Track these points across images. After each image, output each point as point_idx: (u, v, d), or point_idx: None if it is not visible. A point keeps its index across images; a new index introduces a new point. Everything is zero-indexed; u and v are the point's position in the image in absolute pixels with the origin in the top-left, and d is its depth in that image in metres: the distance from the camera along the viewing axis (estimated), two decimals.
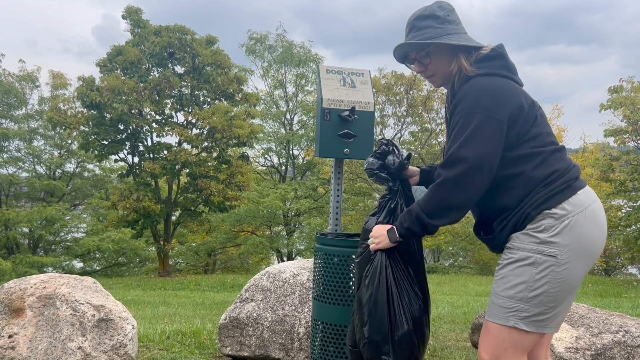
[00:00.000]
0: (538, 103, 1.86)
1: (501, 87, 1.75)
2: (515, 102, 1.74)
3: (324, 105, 3.04)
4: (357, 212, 22.41)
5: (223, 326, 3.64)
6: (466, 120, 1.72)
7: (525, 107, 1.76)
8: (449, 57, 1.87)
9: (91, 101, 15.94)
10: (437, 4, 1.93)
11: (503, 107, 1.72)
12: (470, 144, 1.69)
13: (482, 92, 1.73)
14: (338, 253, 2.38)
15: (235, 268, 25.53)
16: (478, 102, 1.71)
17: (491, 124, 1.70)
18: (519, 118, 1.74)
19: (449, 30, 1.86)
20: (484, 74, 1.79)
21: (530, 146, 1.76)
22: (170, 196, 18.52)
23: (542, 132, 1.80)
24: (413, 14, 1.95)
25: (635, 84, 16.02)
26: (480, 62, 1.83)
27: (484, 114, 1.70)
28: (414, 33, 1.90)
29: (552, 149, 1.79)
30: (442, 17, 1.88)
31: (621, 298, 10.11)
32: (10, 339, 3.28)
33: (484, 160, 1.69)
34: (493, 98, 1.72)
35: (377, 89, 18.35)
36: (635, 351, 3.05)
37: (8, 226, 20.39)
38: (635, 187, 16.13)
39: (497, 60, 1.84)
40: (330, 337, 2.38)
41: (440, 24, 1.87)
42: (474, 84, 1.76)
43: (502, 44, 1.91)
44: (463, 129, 1.72)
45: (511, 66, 1.86)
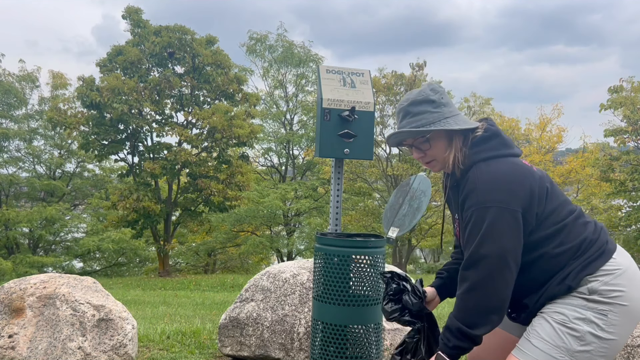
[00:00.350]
0: (544, 173, 1.81)
1: (508, 173, 1.70)
2: (525, 185, 1.69)
3: (324, 105, 3.04)
4: (357, 212, 22.41)
5: (223, 326, 3.64)
6: (480, 215, 1.67)
7: (536, 187, 1.71)
8: (447, 142, 1.83)
9: (91, 101, 15.94)
10: (429, 87, 1.88)
11: (515, 196, 1.67)
12: (489, 241, 1.64)
13: (490, 183, 1.68)
14: (338, 253, 2.38)
15: (235, 268, 25.52)
16: (489, 195, 1.66)
17: (506, 215, 1.64)
18: (532, 201, 1.69)
19: (445, 114, 1.82)
20: (486, 159, 1.75)
21: (551, 223, 1.71)
22: (170, 196, 18.52)
23: (558, 204, 1.74)
24: (405, 98, 1.89)
25: (635, 84, 16.03)
26: (478, 145, 1.79)
27: (497, 206, 1.65)
28: (409, 119, 1.85)
29: (573, 218, 1.74)
30: (437, 100, 1.83)
31: None
32: (10, 339, 3.28)
33: (508, 255, 1.64)
34: (503, 187, 1.67)
35: (377, 89, 18.35)
36: (635, 351, 3.05)
37: (8, 226, 20.39)
38: (635, 187, 16.14)
39: (494, 140, 1.79)
40: (330, 337, 2.38)
41: (436, 108, 1.82)
42: (479, 174, 1.71)
43: (492, 119, 1.87)
44: (479, 225, 1.66)
45: (508, 141, 1.82)
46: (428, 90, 1.85)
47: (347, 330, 2.37)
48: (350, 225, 21.47)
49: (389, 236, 3.12)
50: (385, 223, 3.28)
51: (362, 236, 2.54)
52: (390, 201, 3.31)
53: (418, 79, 18.51)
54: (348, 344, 2.39)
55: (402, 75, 18.73)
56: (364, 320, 2.38)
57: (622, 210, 19.94)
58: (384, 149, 20.12)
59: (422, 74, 18.50)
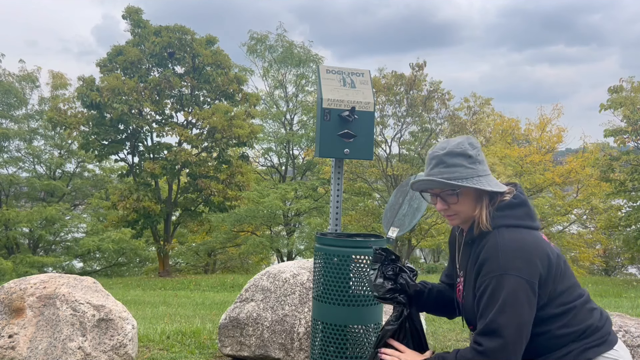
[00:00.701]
0: (560, 251, 1.80)
1: (530, 245, 1.69)
2: (544, 259, 1.68)
3: (324, 105, 3.04)
4: (357, 212, 22.40)
5: (223, 326, 3.64)
6: (499, 282, 1.65)
7: (554, 262, 1.71)
8: (475, 200, 1.79)
9: (91, 101, 15.94)
10: (468, 140, 1.83)
11: (535, 268, 1.66)
12: (507, 312, 1.63)
13: (512, 252, 1.66)
14: (338, 253, 2.38)
15: (235, 268, 25.52)
16: (509, 263, 1.65)
17: (525, 287, 1.64)
18: (549, 276, 1.69)
19: (479, 172, 1.78)
20: (509, 226, 1.73)
21: (560, 303, 1.71)
22: (170, 196, 18.51)
23: (569, 285, 1.74)
24: (441, 146, 1.83)
25: (635, 84, 16.04)
26: (503, 210, 1.76)
27: (516, 276, 1.64)
28: (441, 168, 1.79)
29: (582, 302, 1.74)
30: (474, 156, 1.79)
31: (621, 298, 10.11)
32: (10, 339, 3.28)
33: (523, 330, 1.64)
34: (524, 258, 1.65)
35: (377, 89, 18.35)
36: (635, 351, 3.05)
37: (8, 226, 20.39)
38: (635, 187, 16.13)
39: (521, 209, 1.77)
40: (330, 337, 2.38)
41: (472, 164, 1.78)
42: (501, 241, 1.69)
43: (521, 187, 1.85)
44: (498, 293, 1.65)
45: (533, 213, 1.79)
46: (467, 144, 1.80)
47: (347, 330, 2.37)
48: (350, 225, 21.46)
49: (389, 236, 3.12)
50: (385, 223, 3.28)
51: (362, 236, 2.55)
52: (390, 201, 3.31)
53: (418, 79, 18.50)
54: (348, 344, 2.39)
55: (402, 75, 18.72)
56: (364, 320, 2.38)
57: (622, 210, 19.93)
58: (384, 149, 20.13)
59: (422, 74, 18.49)
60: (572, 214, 22.79)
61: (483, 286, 1.70)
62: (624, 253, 23.51)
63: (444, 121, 19.41)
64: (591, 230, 24.51)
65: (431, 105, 18.82)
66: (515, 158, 23.17)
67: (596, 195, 21.42)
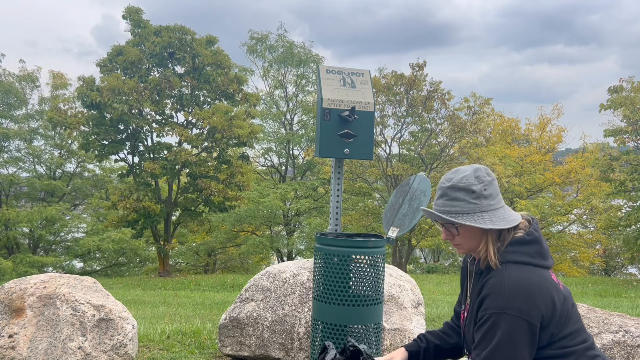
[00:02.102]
0: (569, 293, 1.77)
1: (535, 285, 1.65)
2: (548, 301, 1.65)
3: (324, 105, 3.04)
4: (357, 212, 22.40)
5: (223, 326, 3.64)
6: (497, 320, 1.63)
7: (558, 306, 1.67)
8: (480, 235, 1.76)
9: (91, 101, 15.94)
10: (475, 173, 1.77)
11: (537, 309, 1.62)
12: (502, 350, 1.61)
13: (515, 291, 1.63)
14: (338, 253, 2.38)
15: (235, 268, 25.52)
16: (510, 302, 1.62)
17: (525, 327, 1.61)
18: (552, 319, 1.65)
19: (483, 207, 1.73)
20: (518, 262, 1.69)
21: (561, 346, 1.67)
22: (170, 196, 18.52)
23: (574, 330, 1.70)
24: (447, 178, 1.80)
25: (635, 84, 16.03)
26: (514, 245, 1.72)
27: (516, 316, 1.61)
28: (444, 201, 1.78)
29: (584, 348, 1.70)
30: (478, 191, 1.74)
31: (621, 298, 10.11)
32: (10, 339, 3.28)
33: None
34: (527, 298, 1.62)
35: (377, 89, 18.34)
36: (635, 351, 3.05)
37: (8, 226, 20.39)
38: (635, 187, 16.13)
39: (533, 246, 1.73)
40: (330, 337, 2.38)
41: (475, 200, 1.73)
42: (507, 277, 1.66)
43: (537, 222, 1.81)
44: (494, 331, 1.63)
45: (545, 252, 1.75)
46: (472, 178, 1.75)
47: (347, 330, 2.38)
48: (350, 225, 21.47)
49: (389, 236, 3.12)
50: (385, 223, 3.28)
51: (362, 236, 2.55)
52: (390, 201, 3.31)
53: (418, 79, 18.49)
54: None
55: (402, 75, 18.71)
56: (364, 320, 2.38)
57: (621, 210, 19.93)
58: (384, 149, 20.13)
59: (422, 74, 18.48)
60: (572, 214, 22.79)
61: (482, 320, 1.69)
62: (624, 253, 23.50)
63: (444, 121, 19.42)
64: (591, 230, 24.52)
65: (431, 105, 18.82)
66: (515, 158, 23.17)
67: (596, 195, 21.43)
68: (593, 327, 3.22)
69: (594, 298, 9.94)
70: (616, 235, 18.56)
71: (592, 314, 3.39)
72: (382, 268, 2.47)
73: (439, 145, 19.98)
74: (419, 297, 3.88)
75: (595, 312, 3.44)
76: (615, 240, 19.81)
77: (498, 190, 1.80)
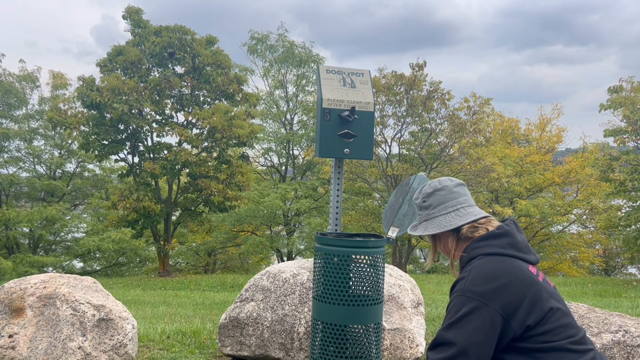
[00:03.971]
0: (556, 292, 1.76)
1: (501, 271, 1.68)
2: (515, 289, 1.65)
3: (324, 105, 3.04)
4: (357, 212, 22.40)
5: (223, 326, 3.64)
6: (457, 302, 1.68)
7: (529, 295, 1.66)
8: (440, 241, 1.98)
9: (91, 101, 15.94)
10: (424, 188, 1.99)
11: (498, 295, 1.64)
12: (456, 328, 1.64)
13: (478, 276, 1.68)
14: (338, 253, 2.38)
15: (235, 268, 25.53)
16: (472, 286, 1.67)
17: (482, 312, 1.62)
18: (520, 307, 1.64)
19: (423, 217, 1.97)
20: (489, 254, 1.75)
21: (542, 340, 1.65)
22: (171, 196, 18.52)
23: (559, 325, 1.68)
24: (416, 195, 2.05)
25: (635, 84, 16.03)
26: (484, 240, 1.80)
27: (476, 300, 1.64)
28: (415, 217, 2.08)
29: (570, 342, 1.67)
30: (419, 204, 1.99)
31: (621, 298, 10.11)
32: (10, 339, 3.28)
33: (470, 350, 1.61)
34: (491, 284, 1.65)
35: (377, 89, 18.34)
36: (634, 351, 3.05)
37: (8, 226, 20.39)
38: (635, 187, 16.13)
39: (503, 239, 1.78)
40: (330, 337, 2.38)
41: (420, 211, 2.00)
42: (475, 265, 1.73)
43: (513, 219, 1.88)
44: (453, 312, 1.67)
45: (520, 244, 1.78)
46: (418, 193, 2.01)
47: (347, 330, 2.38)
48: (350, 225, 21.46)
49: (389, 236, 3.12)
50: (385, 223, 3.28)
51: (362, 236, 2.55)
52: (390, 201, 3.31)
53: (418, 79, 18.48)
54: (348, 344, 2.39)
55: (402, 75, 18.70)
56: (364, 320, 2.38)
57: (621, 210, 19.93)
58: (384, 149, 20.12)
59: (422, 74, 18.47)
60: (572, 214, 22.80)
61: (448, 305, 1.74)
62: (624, 253, 23.50)
63: (444, 121, 19.41)
64: (591, 230, 24.52)
65: (431, 105, 18.80)
66: (515, 158, 23.17)
67: (596, 195, 21.43)
68: (593, 327, 3.22)
69: (594, 298, 9.94)
70: (616, 235, 18.56)
71: (592, 314, 3.39)
72: (382, 268, 2.47)
73: (439, 145, 19.97)
74: (419, 297, 3.88)
75: (595, 312, 3.44)
76: (615, 240, 19.82)
77: (445, 198, 1.92)
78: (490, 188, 20.61)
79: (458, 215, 1.89)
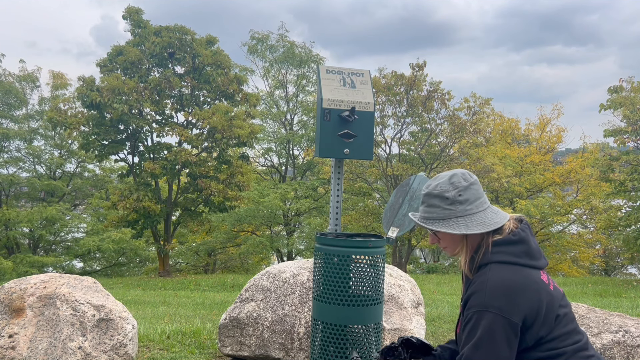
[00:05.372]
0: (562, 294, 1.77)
1: (517, 284, 1.65)
2: (532, 301, 1.64)
3: (324, 105, 3.04)
4: (357, 212, 22.40)
5: (223, 326, 3.64)
6: (479, 318, 1.64)
7: (544, 306, 1.66)
8: (459, 240, 1.79)
9: (91, 101, 15.94)
10: (450, 179, 1.80)
11: (518, 308, 1.62)
12: (483, 348, 1.62)
13: (496, 290, 1.64)
14: (338, 253, 2.38)
15: (235, 268, 25.52)
16: (492, 301, 1.63)
17: (505, 326, 1.61)
18: (537, 319, 1.64)
19: (458, 213, 1.75)
20: (502, 262, 1.70)
21: (549, 347, 1.66)
22: (171, 196, 18.52)
23: (566, 332, 1.69)
24: (427, 184, 1.86)
25: (635, 84, 16.03)
26: (500, 245, 1.73)
27: (497, 314, 1.61)
28: (424, 207, 1.83)
29: (575, 349, 1.68)
30: (452, 198, 1.76)
31: (621, 298, 10.11)
32: (10, 339, 3.28)
33: None
34: (508, 297, 1.62)
35: (377, 89, 18.34)
36: (634, 351, 3.05)
37: (8, 226, 20.39)
38: (635, 187, 16.13)
39: (518, 246, 1.73)
40: (330, 337, 2.38)
41: (450, 206, 1.76)
42: (490, 276, 1.68)
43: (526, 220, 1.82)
44: (475, 329, 1.64)
45: (534, 251, 1.74)
46: (447, 184, 1.79)
47: (347, 330, 2.38)
48: (350, 225, 21.46)
49: (389, 236, 3.13)
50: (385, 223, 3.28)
51: (362, 236, 2.55)
52: (390, 201, 3.31)
53: (418, 79, 18.48)
54: (348, 344, 2.39)
55: (402, 75, 18.70)
56: (364, 320, 2.38)
57: (621, 210, 19.93)
58: (384, 149, 20.12)
59: (422, 74, 18.47)
60: (572, 214, 22.79)
61: (466, 320, 1.70)
62: (624, 253, 23.51)
63: (443, 121, 19.41)
64: (591, 230, 24.52)
65: (431, 105, 18.80)
66: (515, 158, 23.18)
67: (596, 195, 21.43)
68: (593, 327, 3.22)
69: (594, 298, 9.94)
70: (616, 235, 18.55)
71: (592, 314, 3.39)
72: (382, 268, 2.47)
73: (439, 145, 19.97)
74: (419, 297, 3.88)
75: (595, 312, 3.44)
76: (615, 240, 19.81)
77: (478, 193, 1.80)
78: (491, 188, 20.62)
79: (494, 213, 1.79)
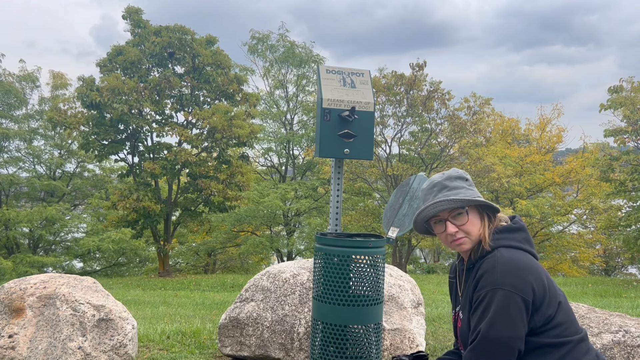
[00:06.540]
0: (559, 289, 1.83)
1: (526, 263, 1.72)
2: (539, 280, 1.71)
3: (324, 105, 3.04)
4: (357, 212, 22.40)
5: (223, 326, 3.64)
6: (492, 296, 1.68)
7: (547, 289, 1.73)
8: (480, 219, 1.86)
9: (91, 101, 15.94)
10: (454, 169, 1.97)
11: (529, 285, 1.68)
12: (499, 324, 1.65)
13: (508, 268, 1.70)
14: (338, 253, 2.38)
15: (235, 268, 25.53)
16: (505, 278, 1.68)
17: (519, 302, 1.66)
18: (544, 299, 1.71)
19: (476, 194, 1.89)
20: (509, 246, 1.78)
21: (555, 334, 1.72)
22: (170, 196, 18.52)
23: (568, 320, 1.76)
24: (439, 175, 1.96)
25: (635, 84, 16.03)
26: (502, 232, 1.83)
27: (510, 291, 1.66)
28: (446, 192, 1.87)
29: (579, 339, 1.75)
30: (469, 180, 1.93)
31: (621, 298, 10.11)
32: (10, 339, 3.28)
33: (515, 342, 1.66)
34: (519, 274, 1.68)
35: (377, 89, 18.34)
36: (635, 351, 3.05)
37: (8, 226, 20.39)
38: (635, 187, 16.13)
39: (520, 233, 1.83)
40: (330, 337, 2.38)
41: (470, 187, 1.91)
42: (499, 257, 1.73)
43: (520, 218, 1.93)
44: (489, 307, 1.68)
45: (531, 241, 1.86)
46: (461, 172, 1.95)
47: (347, 330, 2.37)
48: (350, 225, 21.46)
49: (389, 236, 3.12)
50: (385, 223, 3.28)
51: (362, 236, 2.55)
52: (390, 201, 3.31)
53: (418, 79, 18.49)
54: (348, 344, 2.39)
55: (402, 75, 18.70)
56: (364, 320, 2.38)
57: (622, 210, 19.93)
58: (384, 149, 20.12)
59: (422, 74, 18.48)
60: (572, 214, 22.80)
61: (478, 300, 1.73)
62: (624, 253, 23.50)
63: (444, 121, 19.41)
64: (591, 230, 24.52)
65: (431, 105, 18.81)
66: (515, 158, 23.18)
67: (596, 195, 21.44)
68: (593, 327, 3.22)
69: (594, 298, 9.93)
70: (616, 235, 18.56)
71: (592, 314, 3.39)
72: (382, 268, 2.47)
73: (439, 145, 19.97)
74: (419, 297, 3.87)
75: (595, 312, 3.44)
76: (615, 240, 19.82)
77: None
78: (491, 188, 20.62)
79: None
